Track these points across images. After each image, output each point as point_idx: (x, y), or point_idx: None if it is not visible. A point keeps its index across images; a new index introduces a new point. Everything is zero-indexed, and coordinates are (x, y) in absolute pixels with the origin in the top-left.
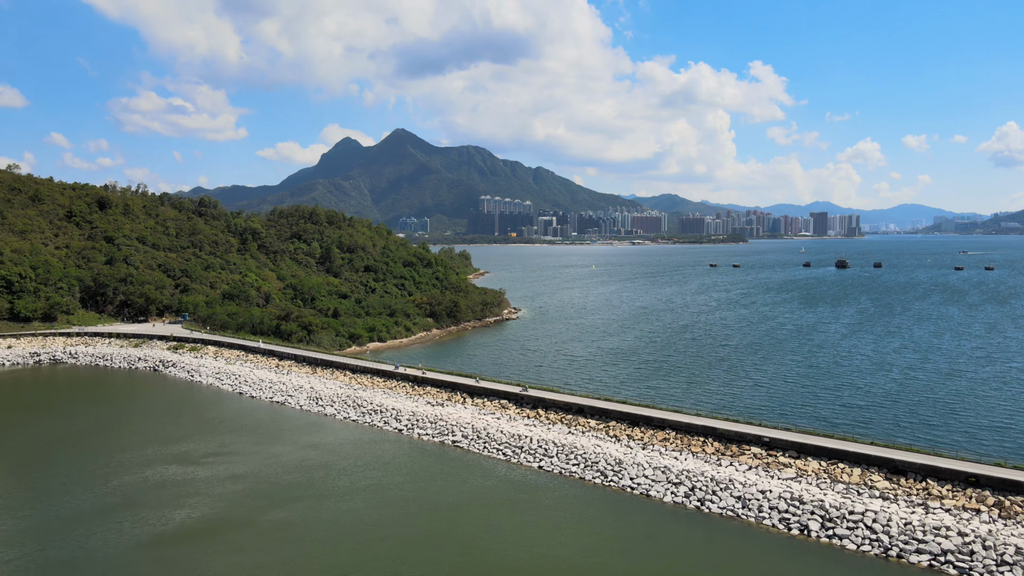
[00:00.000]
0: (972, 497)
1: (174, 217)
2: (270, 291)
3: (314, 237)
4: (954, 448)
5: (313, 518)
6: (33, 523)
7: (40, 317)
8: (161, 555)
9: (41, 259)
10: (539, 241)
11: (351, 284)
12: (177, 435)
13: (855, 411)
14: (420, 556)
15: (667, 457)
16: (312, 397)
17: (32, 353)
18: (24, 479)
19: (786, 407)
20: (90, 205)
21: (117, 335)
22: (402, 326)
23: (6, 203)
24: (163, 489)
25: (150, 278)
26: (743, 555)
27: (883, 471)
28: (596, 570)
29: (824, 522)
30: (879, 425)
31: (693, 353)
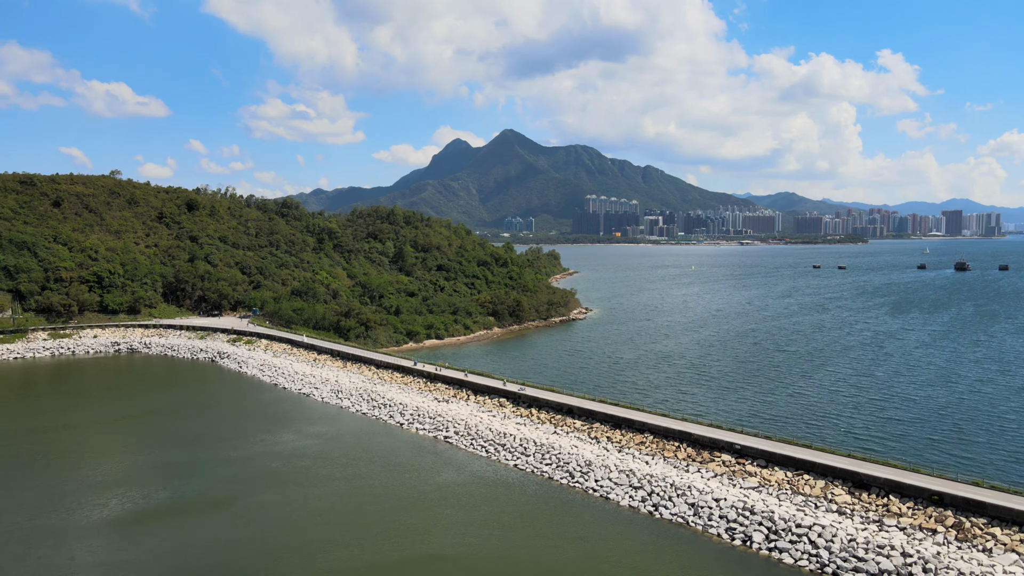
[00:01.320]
0: (932, 516)
1: (256, 218)
2: (338, 288)
3: (389, 237)
4: (977, 470)
5: (278, 502)
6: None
7: (126, 310)
8: (134, 531)
9: (130, 257)
10: (643, 241)
11: (421, 282)
12: (201, 421)
13: (893, 425)
14: (347, 542)
15: (638, 461)
16: (335, 390)
17: (113, 343)
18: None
19: (816, 418)
20: (179, 207)
21: (187, 328)
22: (461, 324)
23: (106, 206)
24: (160, 468)
25: (226, 275)
26: (667, 561)
27: (847, 484)
28: (501, 562)
29: (768, 534)
30: (911, 441)
31: (744, 359)
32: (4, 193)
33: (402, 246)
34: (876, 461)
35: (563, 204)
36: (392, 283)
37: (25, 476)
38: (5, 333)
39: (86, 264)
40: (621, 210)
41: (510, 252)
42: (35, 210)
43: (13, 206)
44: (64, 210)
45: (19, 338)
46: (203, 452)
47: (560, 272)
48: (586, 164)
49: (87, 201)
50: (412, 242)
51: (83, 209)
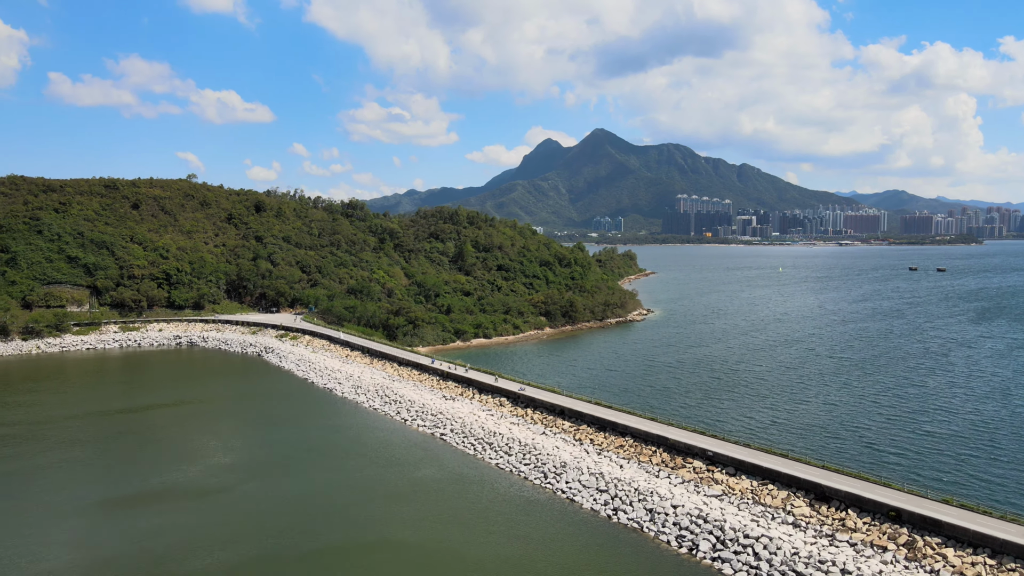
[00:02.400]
0: (886, 533)
1: (320, 218)
2: (394, 287)
3: (451, 237)
4: (991, 491)
5: (255, 491)
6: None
7: (191, 305)
8: (125, 512)
9: (198, 256)
10: (735, 241)
11: (479, 282)
12: (226, 412)
13: (923, 439)
14: (303, 528)
15: (612, 464)
16: (355, 385)
17: (175, 336)
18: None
19: (842, 429)
20: (248, 209)
21: (242, 323)
22: (511, 324)
23: (180, 208)
24: (164, 454)
25: (286, 273)
26: (603, 563)
27: (809, 496)
28: (437, 553)
29: (716, 543)
30: (935, 457)
31: (791, 365)
32: (90, 196)
33: (462, 246)
34: (848, 473)
35: (653, 204)
36: (449, 282)
37: (120, 448)
38: (81, 326)
39: (157, 262)
40: (713, 210)
41: (575, 253)
42: (116, 212)
43: (97, 208)
44: (142, 212)
45: (93, 330)
46: (212, 441)
47: (635, 273)
48: (678, 163)
49: (163, 203)
50: (474, 242)
51: (159, 211)
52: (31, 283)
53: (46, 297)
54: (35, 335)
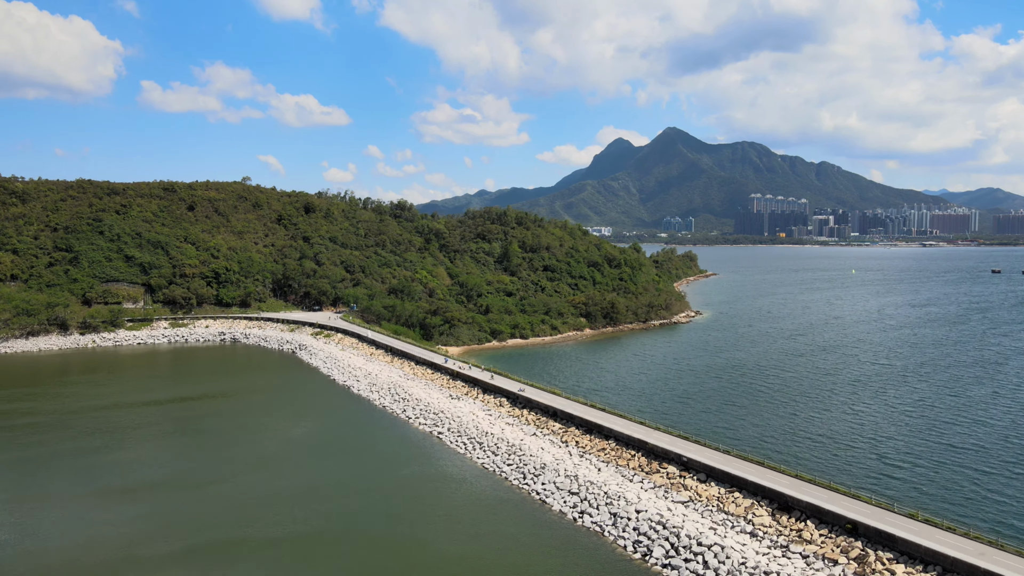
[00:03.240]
0: (840, 546)
1: (368, 219)
2: (435, 287)
3: (497, 237)
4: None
5: (247, 482)
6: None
7: (238, 303)
8: (108, 502)
9: (247, 255)
10: (810, 242)
11: (523, 283)
12: (247, 406)
13: (945, 452)
14: (271, 518)
15: (590, 467)
16: (372, 383)
17: (220, 332)
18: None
19: (852, 441)
20: (298, 210)
21: (282, 321)
22: (548, 324)
23: (233, 209)
24: (165, 448)
25: (330, 273)
26: (552, 564)
27: (772, 505)
28: (393, 547)
29: (669, 550)
30: (945, 472)
31: (827, 371)
32: (149, 199)
33: (508, 246)
34: (821, 484)
35: (726, 203)
36: (492, 282)
37: (130, 439)
38: (134, 321)
39: (208, 261)
40: (788, 209)
41: (627, 254)
42: (173, 213)
43: (155, 210)
44: (197, 213)
45: (145, 326)
46: (213, 438)
47: (695, 274)
48: (753, 161)
49: (217, 205)
50: (521, 243)
51: (213, 212)
52: (91, 281)
53: (104, 294)
54: (92, 330)
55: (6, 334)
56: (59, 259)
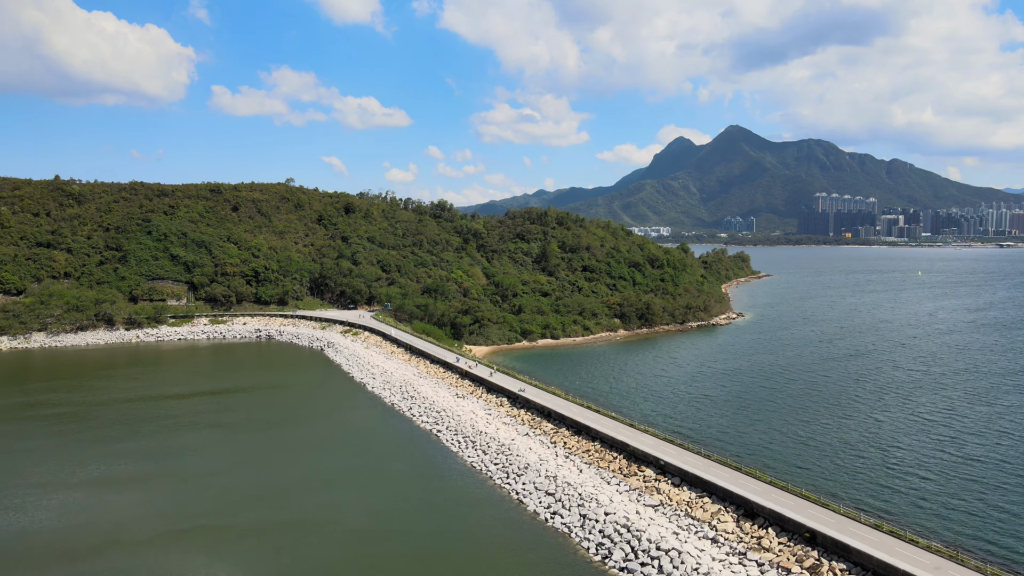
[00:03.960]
0: (796, 555)
1: (407, 219)
2: (470, 287)
3: (536, 237)
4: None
5: (241, 474)
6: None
7: (276, 301)
8: (98, 491)
9: (286, 255)
10: (878, 242)
11: (560, 283)
12: (265, 401)
13: (956, 463)
14: (256, 507)
15: (572, 468)
16: (385, 381)
17: (256, 330)
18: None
19: (859, 449)
20: (338, 210)
21: (315, 319)
22: (580, 325)
23: (275, 210)
24: (183, 432)
25: (366, 272)
26: (510, 564)
27: (738, 511)
28: (362, 538)
29: (628, 553)
30: (954, 484)
31: (858, 377)
32: (196, 200)
33: (546, 247)
34: (792, 491)
35: (790, 203)
36: (529, 283)
37: (146, 430)
38: (177, 318)
39: (249, 260)
40: (855, 209)
41: (671, 254)
42: (217, 214)
43: (201, 211)
44: (240, 214)
45: (186, 322)
46: (219, 432)
47: (747, 275)
48: (819, 159)
49: (260, 206)
50: (560, 243)
51: (256, 213)
52: (138, 279)
53: (150, 292)
54: (136, 326)
55: (57, 328)
56: (109, 258)
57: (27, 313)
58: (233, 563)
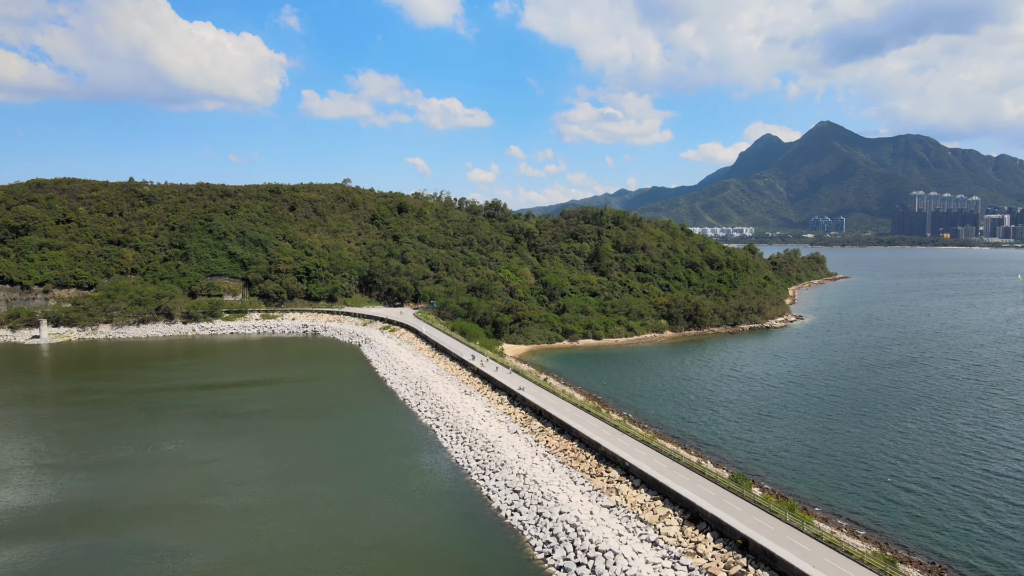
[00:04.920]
0: (726, 561)
1: (459, 219)
2: (517, 286)
3: (590, 237)
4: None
5: (236, 462)
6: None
7: (326, 298)
8: (100, 474)
9: (337, 253)
10: (979, 244)
11: (611, 283)
12: (273, 399)
13: (974, 480)
14: (243, 493)
15: (546, 467)
16: (404, 377)
17: (303, 325)
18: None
19: (869, 462)
20: (391, 210)
21: (359, 315)
22: (624, 326)
23: (331, 209)
24: (197, 420)
25: (413, 270)
26: (456, 557)
27: (685, 515)
28: (321, 527)
29: (569, 552)
30: (963, 500)
31: (892, 388)
32: (256, 200)
33: (599, 247)
34: (748, 498)
35: (883, 202)
36: (578, 282)
37: (210, 413)
38: (231, 313)
39: (301, 258)
40: (955, 208)
41: (732, 255)
42: (275, 213)
43: (260, 210)
44: (297, 213)
45: (239, 317)
46: (244, 419)
47: (821, 277)
48: (917, 156)
49: (316, 206)
50: (615, 243)
51: (312, 212)
52: (198, 275)
53: (208, 287)
54: (193, 320)
55: (121, 321)
56: (173, 255)
57: (95, 306)
58: (182, 541)
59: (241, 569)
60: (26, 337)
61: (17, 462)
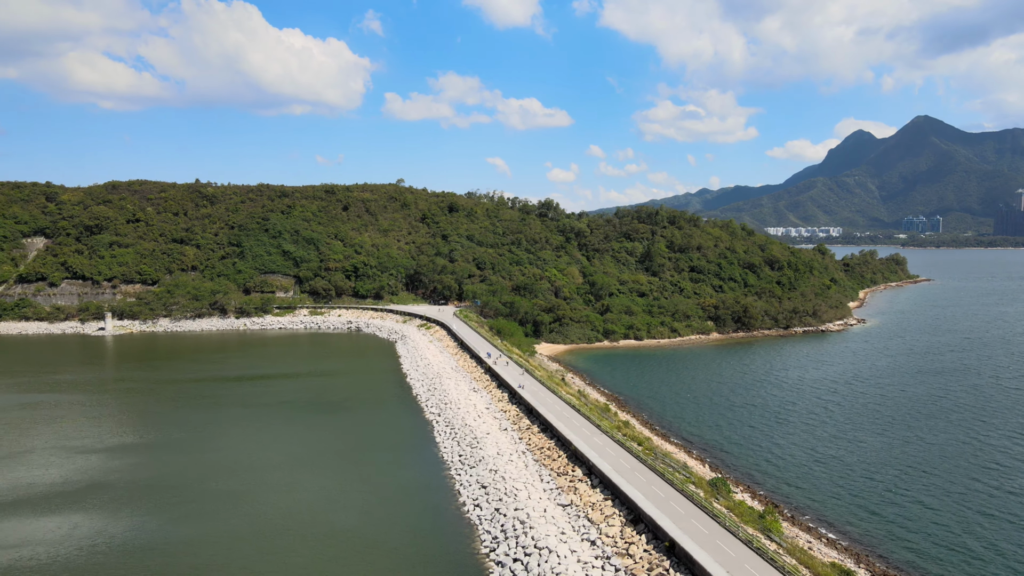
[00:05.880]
0: (651, 563)
1: (510, 218)
2: (562, 285)
3: (644, 237)
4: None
5: (235, 451)
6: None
7: (373, 295)
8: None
9: (386, 252)
10: None
11: (662, 283)
12: (292, 393)
13: (984, 494)
14: (229, 479)
15: (520, 464)
16: (423, 373)
17: (348, 322)
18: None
19: (878, 475)
20: (442, 209)
21: (400, 312)
22: (668, 327)
23: (383, 209)
24: (215, 410)
25: (459, 269)
26: (404, 548)
27: (629, 516)
28: (292, 510)
29: (510, 548)
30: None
31: (927, 396)
32: (312, 200)
33: (651, 247)
34: (696, 501)
35: (985, 201)
36: (627, 283)
37: (231, 403)
38: (281, 308)
39: (351, 256)
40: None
41: (796, 256)
42: (329, 213)
43: (314, 210)
44: (350, 213)
45: (288, 313)
46: (258, 410)
47: (901, 279)
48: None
49: (369, 205)
50: (669, 242)
51: (364, 212)
52: (252, 272)
53: (261, 284)
54: (245, 315)
55: (179, 315)
56: (230, 253)
57: (156, 301)
58: (152, 519)
59: (198, 547)
60: (93, 329)
61: (29, 445)
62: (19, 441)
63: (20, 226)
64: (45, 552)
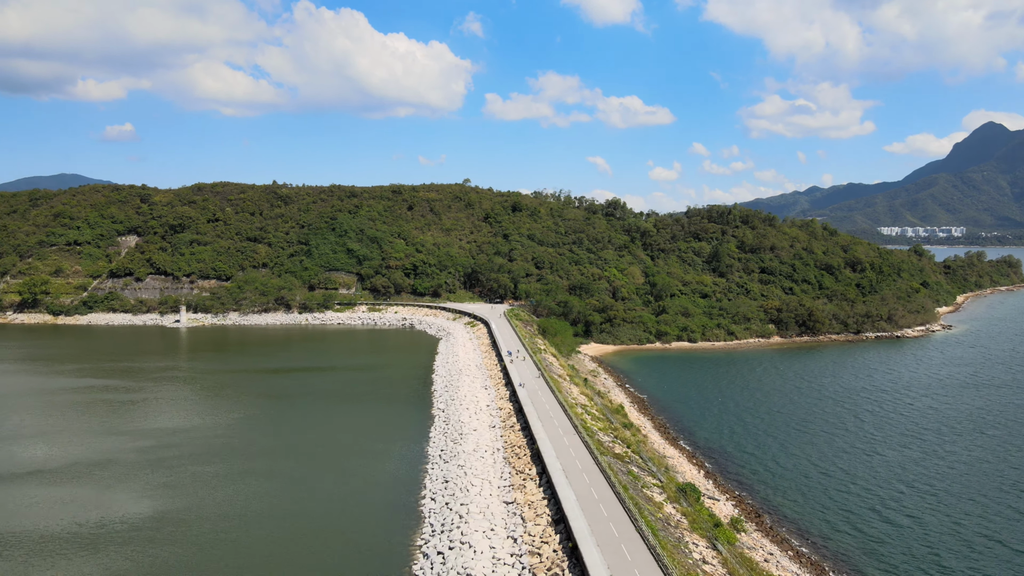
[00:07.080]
0: (555, 561)
1: (574, 218)
2: (621, 285)
3: (713, 237)
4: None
5: (245, 438)
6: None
7: (431, 293)
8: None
9: (446, 251)
10: None
11: (728, 285)
12: (318, 385)
13: (990, 517)
14: (227, 463)
15: (488, 462)
16: (449, 370)
17: (403, 319)
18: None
19: (868, 487)
20: (505, 209)
21: (452, 310)
22: (724, 330)
23: (446, 208)
24: (240, 400)
25: (516, 268)
26: (342, 528)
27: (555, 516)
28: (268, 496)
29: (440, 542)
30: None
31: (974, 410)
32: (379, 200)
33: (719, 247)
34: (628, 497)
35: None
36: (690, 283)
37: (258, 392)
38: (341, 305)
39: (412, 255)
40: None
41: (887, 257)
42: (394, 213)
43: (380, 210)
44: (414, 212)
45: (348, 309)
46: (279, 401)
47: (1014, 283)
48: None
49: (433, 205)
50: (740, 243)
51: (428, 211)
52: (317, 269)
53: (325, 281)
54: (307, 310)
55: (247, 310)
56: (299, 251)
57: (227, 296)
58: (123, 494)
59: (158, 523)
60: (170, 321)
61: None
62: (79, 422)
63: (116, 225)
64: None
